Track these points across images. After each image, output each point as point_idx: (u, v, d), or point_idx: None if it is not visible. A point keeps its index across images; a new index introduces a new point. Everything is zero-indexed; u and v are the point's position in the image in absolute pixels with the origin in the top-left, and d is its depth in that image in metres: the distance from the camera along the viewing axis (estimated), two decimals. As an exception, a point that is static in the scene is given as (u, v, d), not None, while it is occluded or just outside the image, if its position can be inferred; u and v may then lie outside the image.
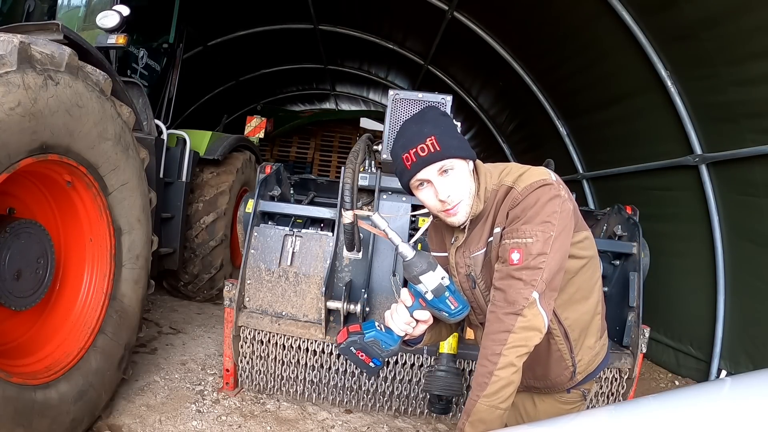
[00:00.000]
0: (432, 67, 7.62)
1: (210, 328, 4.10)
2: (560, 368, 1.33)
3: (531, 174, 1.22)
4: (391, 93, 2.94)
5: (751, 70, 3.03)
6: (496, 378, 1.09)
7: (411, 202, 3.01)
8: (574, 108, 5.28)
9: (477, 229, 1.30)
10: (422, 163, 1.19)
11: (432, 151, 1.17)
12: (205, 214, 4.35)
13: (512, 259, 1.13)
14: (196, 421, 2.61)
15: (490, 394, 1.09)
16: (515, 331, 1.09)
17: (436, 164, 1.19)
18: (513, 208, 1.19)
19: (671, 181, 4.08)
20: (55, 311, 2.33)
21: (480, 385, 1.10)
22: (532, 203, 1.16)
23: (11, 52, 1.69)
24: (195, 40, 7.11)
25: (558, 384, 1.38)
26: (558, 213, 1.17)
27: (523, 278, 1.12)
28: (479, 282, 1.30)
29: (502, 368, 1.09)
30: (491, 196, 1.27)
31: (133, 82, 3.70)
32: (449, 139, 1.20)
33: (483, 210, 1.28)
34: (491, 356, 1.10)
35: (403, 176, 1.26)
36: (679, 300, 4.10)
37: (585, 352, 1.35)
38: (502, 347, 1.09)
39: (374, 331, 1.23)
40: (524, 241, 1.13)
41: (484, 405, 1.09)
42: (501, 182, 1.26)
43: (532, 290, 1.11)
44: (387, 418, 2.86)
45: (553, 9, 4.50)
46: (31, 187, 2.24)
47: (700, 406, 1.00)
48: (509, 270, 1.14)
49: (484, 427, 1.08)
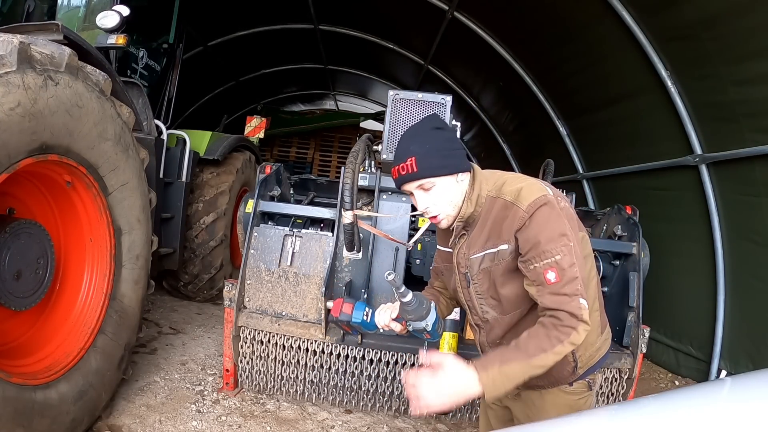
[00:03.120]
0: (432, 67, 7.62)
1: (210, 328, 4.10)
2: (561, 364, 1.32)
3: (530, 190, 1.27)
4: (391, 93, 2.94)
5: (751, 70, 3.03)
6: (543, 358, 1.18)
7: (411, 203, 3.01)
8: (574, 108, 5.28)
9: (475, 232, 1.36)
10: (401, 180, 1.32)
11: (410, 171, 1.28)
12: (205, 214, 4.35)
13: (549, 279, 1.20)
14: (196, 421, 2.61)
15: (532, 366, 1.19)
16: (579, 331, 1.19)
17: (414, 182, 1.31)
18: (521, 230, 1.24)
19: (671, 181, 4.08)
20: (55, 311, 2.33)
21: (528, 352, 1.19)
22: (543, 221, 1.23)
23: (11, 52, 1.69)
24: (195, 40, 7.10)
25: (560, 379, 1.40)
26: (567, 223, 1.25)
27: (567, 292, 1.20)
28: (474, 283, 1.38)
29: (553, 355, 1.18)
30: (486, 203, 1.34)
31: (133, 82, 3.70)
32: (432, 158, 1.28)
33: (476, 213, 1.35)
34: (553, 338, 1.18)
35: (395, 184, 1.39)
36: (679, 300, 4.10)
37: (586, 348, 1.38)
38: (565, 338, 1.18)
39: (361, 317, 1.47)
40: (554, 259, 1.20)
41: (519, 367, 1.18)
42: (499, 194, 1.32)
43: (579, 298, 1.20)
44: (387, 418, 2.86)
45: (554, 9, 4.50)
46: (31, 187, 2.24)
47: (700, 406, 1.00)
48: (551, 289, 1.21)
49: (506, 380, 1.18)
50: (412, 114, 2.89)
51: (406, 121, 2.89)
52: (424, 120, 1.37)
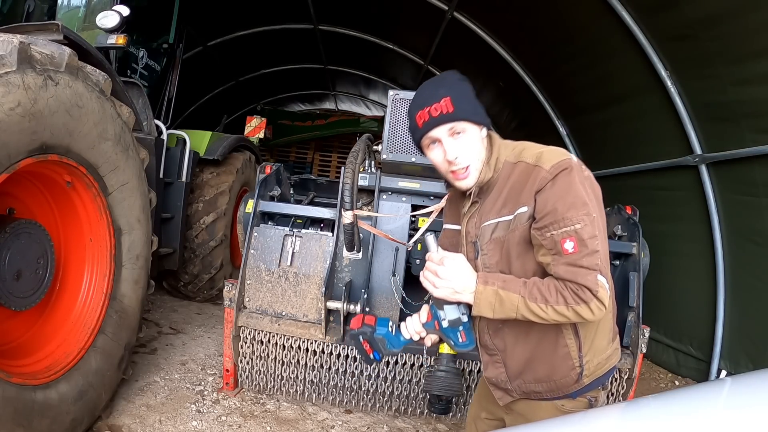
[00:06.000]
0: (432, 67, 7.62)
1: (210, 328, 4.10)
2: (566, 368, 1.26)
3: (554, 153, 1.21)
4: (391, 93, 2.93)
5: (751, 70, 3.03)
6: (541, 308, 1.13)
7: (411, 203, 3.01)
8: (574, 108, 5.28)
9: (489, 199, 1.28)
10: (434, 122, 1.20)
11: (444, 111, 1.18)
12: (205, 214, 4.35)
13: (566, 249, 1.12)
14: (196, 421, 2.61)
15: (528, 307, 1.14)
16: (591, 308, 1.12)
17: (447, 125, 1.20)
18: (542, 191, 1.16)
19: (671, 181, 4.08)
20: (55, 311, 2.33)
21: (531, 293, 1.14)
22: (566, 187, 1.15)
23: (11, 52, 1.69)
24: (195, 40, 7.11)
25: (563, 386, 1.29)
26: (592, 191, 1.18)
27: (585, 264, 1.12)
28: (482, 254, 1.28)
29: (552, 311, 1.13)
30: (504, 169, 1.26)
31: (133, 82, 3.70)
32: (464, 102, 1.21)
33: (493, 180, 1.27)
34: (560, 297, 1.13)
35: (415, 134, 1.28)
36: (679, 300, 4.10)
37: (595, 354, 1.28)
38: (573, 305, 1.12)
39: (386, 329, 1.33)
40: (573, 228, 1.12)
41: (516, 300, 1.15)
42: (519, 158, 1.24)
43: (597, 273, 1.12)
44: (387, 418, 2.86)
45: (553, 9, 4.50)
46: (31, 187, 2.24)
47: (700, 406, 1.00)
48: (567, 260, 1.13)
49: (498, 304, 1.16)
50: (412, 114, 2.89)
51: (406, 121, 2.88)
52: (447, 72, 1.29)
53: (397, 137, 2.88)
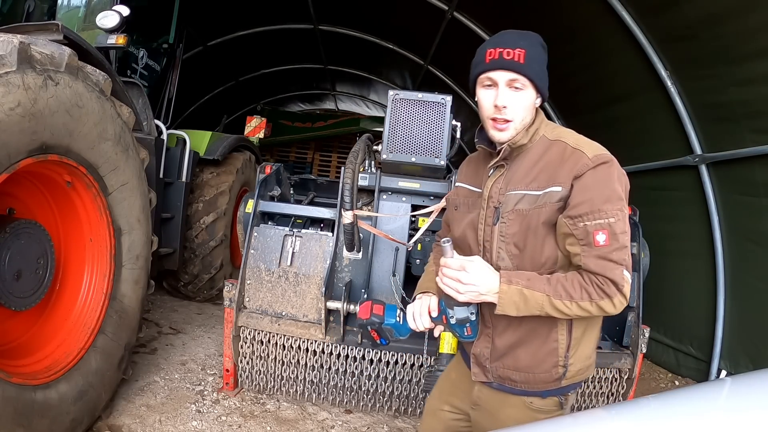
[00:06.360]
0: (432, 67, 7.61)
1: (210, 328, 4.10)
2: (549, 363, 1.26)
3: (595, 144, 1.23)
4: (391, 93, 2.93)
5: (751, 70, 3.03)
6: (566, 304, 1.15)
7: (411, 203, 3.01)
8: (574, 108, 5.28)
9: (520, 169, 1.27)
10: (501, 64, 1.20)
11: (516, 59, 1.18)
12: (205, 214, 4.35)
13: (598, 241, 1.13)
14: (196, 421, 2.61)
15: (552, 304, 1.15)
16: (614, 303, 1.14)
17: (512, 73, 1.20)
18: (581, 177, 1.17)
19: (671, 181, 4.08)
20: (55, 311, 2.33)
21: (556, 290, 1.15)
22: (606, 179, 1.16)
23: (11, 52, 1.69)
24: (195, 40, 7.11)
25: (540, 381, 1.28)
26: (624, 189, 1.19)
27: (615, 259, 1.13)
28: (502, 222, 1.26)
29: (576, 307, 1.15)
30: (540, 143, 1.27)
31: (133, 82, 3.70)
32: (536, 63, 1.21)
33: (525, 147, 1.28)
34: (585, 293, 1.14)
35: (477, 68, 1.26)
36: (679, 300, 4.10)
37: (578, 358, 1.28)
38: (597, 300, 1.14)
39: (393, 320, 1.37)
40: (607, 221, 1.13)
41: (540, 298, 1.16)
42: (558, 137, 1.26)
43: (623, 269, 1.14)
44: (387, 418, 2.86)
45: (553, 9, 4.50)
46: (31, 187, 2.24)
47: (700, 406, 1.00)
48: (599, 252, 1.14)
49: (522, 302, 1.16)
50: (412, 114, 2.89)
51: (406, 121, 2.89)
52: (532, 32, 1.26)
53: (397, 137, 2.88)
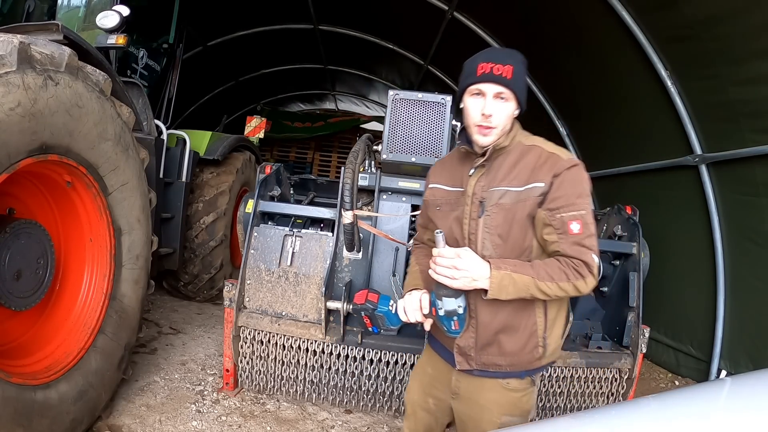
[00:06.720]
0: (432, 67, 7.61)
1: (210, 328, 4.10)
2: (532, 344, 1.41)
3: (563, 149, 1.45)
4: (391, 93, 2.93)
5: (751, 70, 3.03)
6: (548, 285, 1.31)
7: (411, 203, 3.01)
8: (574, 108, 5.28)
9: (501, 169, 1.44)
10: (491, 78, 1.37)
11: (506, 75, 1.36)
12: (205, 214, 4.35)
13: (572, 230, 1.32)
14: (196, 421, 2.61)
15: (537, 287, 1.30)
16: (587, 282, 1.32)
17: (500, 87, 1.37)
18: (559, 175, 1.36)
19: (671, 181, 4.08)
20: (55, 311, 2.33)
21: (539, 273, 1.31)
22: (578, 178, 1.36)
23: (11, 52, 1.68)
24: (195, 40, 7.11)
25: (524, 362, 1.44)
26: (590, 189, 1.40)
27: (587, 244, 1.32)
28: (487, 215, 1.41)
29: (556, 287, 1.31)
30: (517, 147, 1.45)
31: (133, 82, 3.70)
32: (520, 80, 1.39)
33: (505, 150, 1.45)
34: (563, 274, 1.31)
35: (468, 79, 1.43)
36: (679, 300, 4.10)
37: (554, 338, 1.45)
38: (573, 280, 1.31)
39: (386, 308, 1.47)
40: (580, 212, 1.32)
41: (528, 281, 1.30)
42: (533, 143, 1.45)
43: (593, 253, 1.32)
44: (387, 418, 2.86)
45: (553, 9, 4.50)
46: (31, 187, 2.24)
47: (700, 406, 1.00)
48: (574, 239, 1.32)
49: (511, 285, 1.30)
50: (412, 114, 2.89)
51: (406, 121, 2.89)
52: (517, 52, 1.43)
53: (397, 137, 2.88)
